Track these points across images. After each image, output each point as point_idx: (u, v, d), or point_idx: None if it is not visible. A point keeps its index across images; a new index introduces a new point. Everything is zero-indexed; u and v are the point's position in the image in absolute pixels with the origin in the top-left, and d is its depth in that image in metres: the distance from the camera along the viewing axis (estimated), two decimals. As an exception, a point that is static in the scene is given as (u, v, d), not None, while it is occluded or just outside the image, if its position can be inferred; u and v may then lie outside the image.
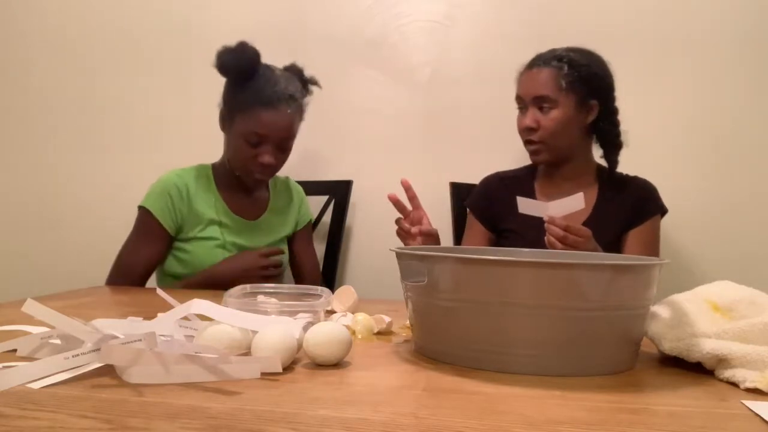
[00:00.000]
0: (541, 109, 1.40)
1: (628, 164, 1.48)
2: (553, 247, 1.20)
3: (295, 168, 1.81)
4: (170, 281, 1.48)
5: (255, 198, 1.56)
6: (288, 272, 1.65)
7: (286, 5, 1.89)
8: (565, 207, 1.23)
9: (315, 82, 1.53)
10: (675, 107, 1.74)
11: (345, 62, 1.87)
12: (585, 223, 1.39)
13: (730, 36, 1.71)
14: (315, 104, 1.82)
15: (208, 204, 1.47)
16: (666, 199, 1.48)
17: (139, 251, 1.44)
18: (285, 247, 1.59)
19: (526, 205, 1.27)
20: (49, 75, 2.01)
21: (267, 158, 1.41)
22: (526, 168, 1.58)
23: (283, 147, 1.45)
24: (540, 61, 1.42)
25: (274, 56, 1.49)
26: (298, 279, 1.65)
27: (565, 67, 1.39)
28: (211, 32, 1.44)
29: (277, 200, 1.60)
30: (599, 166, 1.51)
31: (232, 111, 1.43)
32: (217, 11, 1.91)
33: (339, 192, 1.84)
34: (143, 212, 1.44)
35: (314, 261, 1.68)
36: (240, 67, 1.40)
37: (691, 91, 1.73)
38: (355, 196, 1.85)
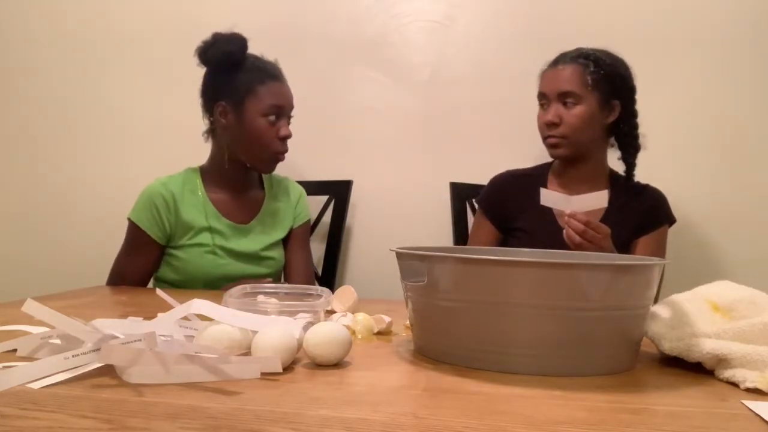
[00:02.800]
0: (564, 105, 1.40)
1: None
2: (572, 241, 1.21)
3: (295, 168, 1.82)
4: (165, 288, 1.46)
5: (248, 199, 1.53)
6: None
7: (286, 5, 1.89)
8: (589, 203, 1.24)
9: None
10: (678, 108, 1.73)
11: (345, 62, 1.87)
12: None
13: (738, 37, 1.70)
14: (315, 104, 1.83)
15: (197, 210, 1.45)
16: (669, 198, 1.49)
17: (131, 262, 1.45)
18: (280, 252, 1.55)
19: (548, 197, 1.27)
20: (48, 76, 2.01)
21: (286, 129, 1.45)
22: (539, 167, 1.57)
23: (289, 121, 1.48)
24: (566, 58, 1.42)
25: (273, 56, 1.49)
26: (288, 282, 1.60)
27: (591, 65, 1.39)
28: (210, 32, 1.44)
29: (272, 201, 1.57)
30: (612, 171, 1.51)
31: (238, 97, 1.42)
32: (216, 11, 1.91)
33: (339, 192, 1.84)
34: (131, 224, 1.44)
35: (306, 265, 1.60)
36: (236, 54, 1.42)
37: (695, 93, 1.73)
38: (355, 196, 1.85)
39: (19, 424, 0.49)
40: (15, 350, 0.70)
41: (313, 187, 1.79)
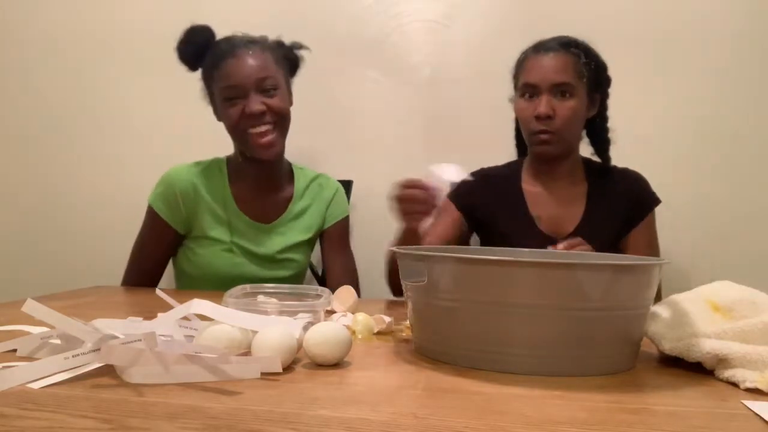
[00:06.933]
0: (555, 97, 1.31)
1: (626, 163, 1.47)
2: None
3: (295, 168, 1.82)
4: (186, 279, 1.44)
5: (274, 198, 1.47)
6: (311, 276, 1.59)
7: (286, 5, 1.89)
8: (449, 174, 1.14)
9: (300, 46, 1.50)
10: (677, 105, 1.73)
11: (345, 62, 1.87)
12: (579, 223, 1.37)
13: (727, 32, 1.70)
14: (315, 104, 1.83)
15: (218, 202, 1.40)
16: (666, 198, 1.48)
17: (148, 251, 1.43)
18: (302, 254, 1.49)
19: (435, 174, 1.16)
20: (49, 76, 2.01)
21: (252, 105, 1.32)
22: (510, 166, 1.51)
23: (266, 90, 1.35)
24: (555, 46, 1.33)
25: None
26: (327, 286, 1.54)
27: (582, 55, 1.32)
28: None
29: (300, 200, 1.50)
30: (585, 161, 1.46)
31: (210, 88, 1.41)
32: (215, 11, 1.90)
33: (339, 192, 1.83)
34: (151, 211, 1.41)
35: (344, 268, 1.52)
36: (192, 45, 1.41)
37: (691, 89, 1.72)
38: (355, 196, 1.85)
39: (19, 424, 0.50)
40: (15, 350, 0.70)
41: (313, 187, 1.79)
